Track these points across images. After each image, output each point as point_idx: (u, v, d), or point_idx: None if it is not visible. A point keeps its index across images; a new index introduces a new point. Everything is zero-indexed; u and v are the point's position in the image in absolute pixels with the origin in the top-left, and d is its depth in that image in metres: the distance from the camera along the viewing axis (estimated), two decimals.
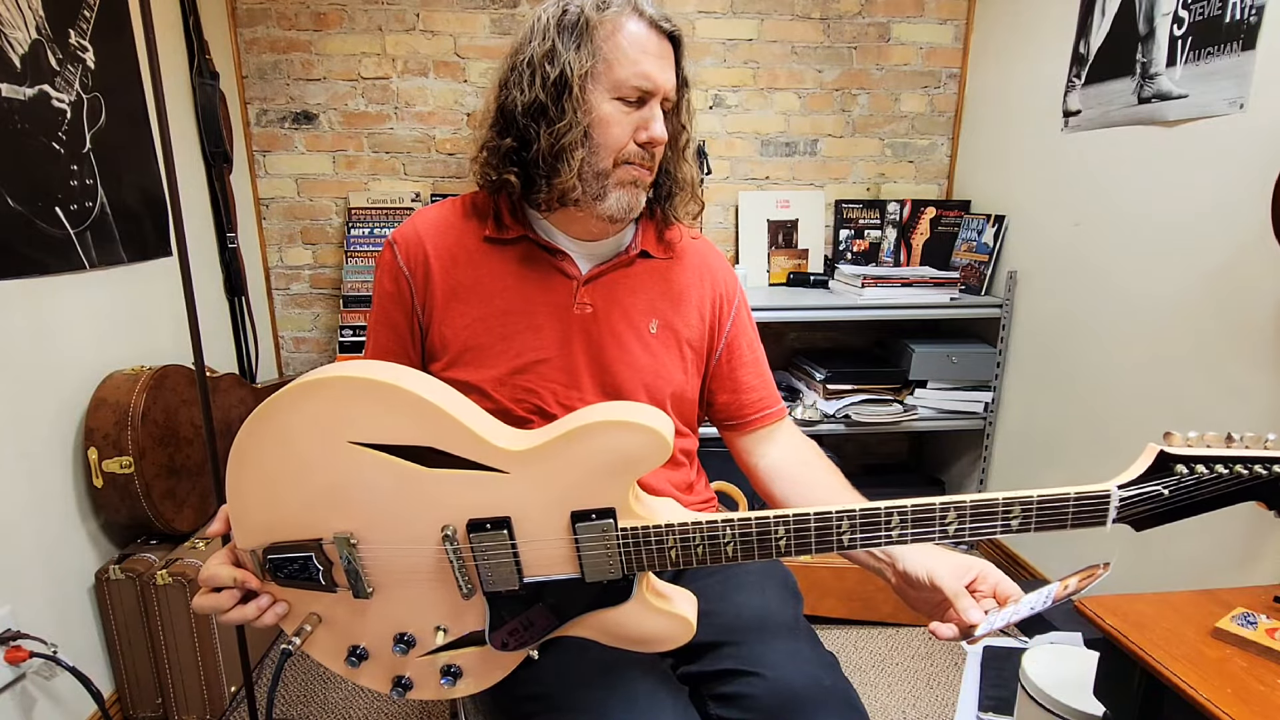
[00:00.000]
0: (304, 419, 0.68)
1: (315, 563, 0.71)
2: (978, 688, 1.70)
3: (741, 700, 0.79)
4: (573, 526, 0.69)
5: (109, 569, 1.50)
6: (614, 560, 0.70)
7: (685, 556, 0.70)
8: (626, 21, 0.83)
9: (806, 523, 0.68)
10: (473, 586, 0.72)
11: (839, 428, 2.18)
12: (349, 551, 0.71)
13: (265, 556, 0.72)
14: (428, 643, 0.75)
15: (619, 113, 0.84)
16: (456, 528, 0.70)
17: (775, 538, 0.68)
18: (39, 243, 1.40)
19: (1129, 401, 1.73)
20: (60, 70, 1.45)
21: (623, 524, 0.69)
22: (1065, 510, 0.67)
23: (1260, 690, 0.93)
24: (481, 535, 0.70)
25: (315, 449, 0.69)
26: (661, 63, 0.85)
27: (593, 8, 0.83)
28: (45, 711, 1.40)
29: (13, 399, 1.35)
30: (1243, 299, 1.44)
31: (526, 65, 0.84)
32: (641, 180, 0.88)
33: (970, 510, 0.67)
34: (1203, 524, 1.57)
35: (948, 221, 2.41)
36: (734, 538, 0.69)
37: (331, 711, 1.65)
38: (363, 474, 0.69)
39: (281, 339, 2.44)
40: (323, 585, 0.73)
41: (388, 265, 0.92)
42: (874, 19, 2.34)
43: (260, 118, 2.25)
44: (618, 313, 0.92)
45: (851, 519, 0.67)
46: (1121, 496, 0.67)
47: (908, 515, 0.67)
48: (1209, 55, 1.48)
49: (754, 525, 0.68)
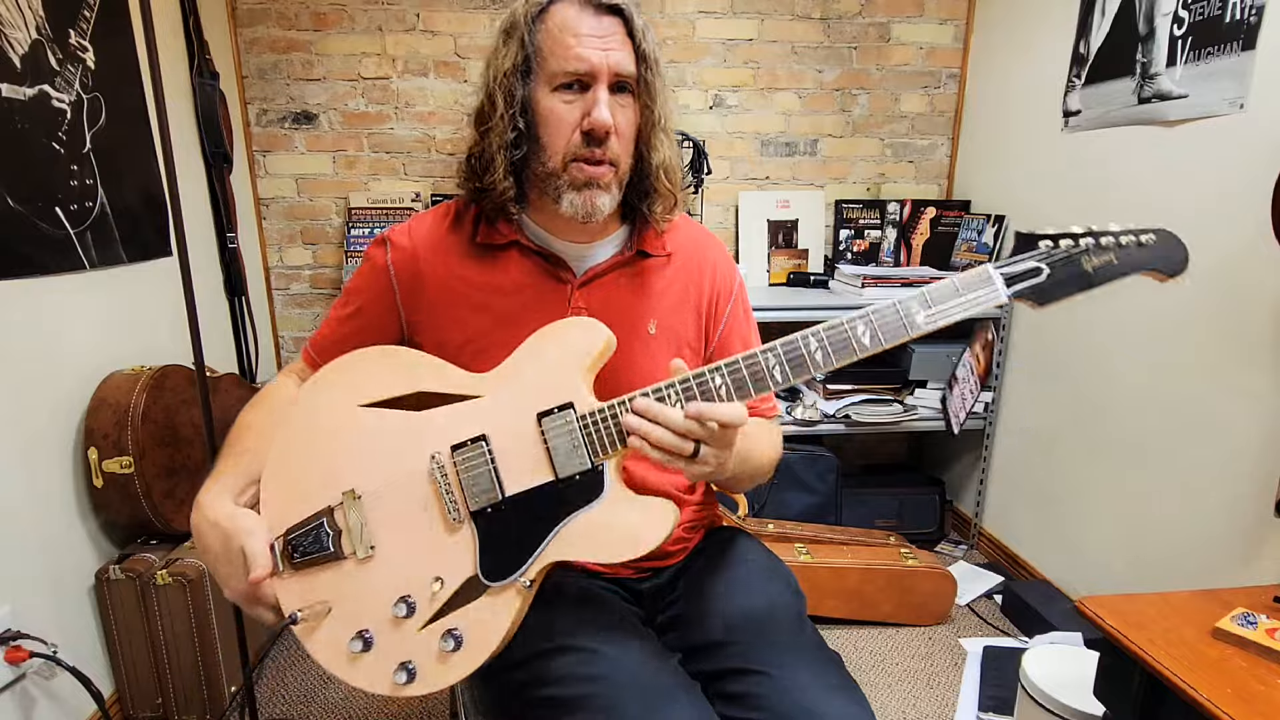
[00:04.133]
0: (329, 394, 0.82)
1: (326, 528, 0.79)
2: (978, 688, 1.70)
3: (748, 699, 0.79)
4: (539, 424, 0.77)
5: (109, 569, 1.50)
6: (579, 448, 0.76)
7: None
8: (557, 8, 0.81)
9: (736, 365, 0.73)
10: (460, 511, 0.77)
11: (839, 428, 2.18)
12: (354, 505, 0.79)
13: (285, 540, 0.79)
14: (427, 601, 0.76)
15: (561, 104, 0.82)
16: (443, 452, 0.78)
17: (714, 386, 0.73)
18: (39, 243, 1.40)
19: (1129, 401, 1.73)
20: (60, 70, 1.45)
21: (580, 411, 0.76)
22: (957, 292, 0.73)
23: (1260, 690, 0.93)
24: (463, 451, 0.78)
25: (334, 418, 0.81)
26: (600, 41, 0.80)
27: (525, 2, 0.82)
28: (45, 711, 1.40)
29: (13, 399, 1.34)
30: (1243, 299, 1.44)
31: (483, 74, 0.86)
32: (596, 179, 0.84)
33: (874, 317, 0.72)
34: (1203, 524, 1.58)
35: (948, 221, 2.41)
36: (679, 398, 0.73)
37: (331, 711, 1.65)
38: (368, 432, 0.81)
39: (281, 339, 2.44)
40: (332, 554, 0.78)
41: (378, 263, 0.91)
42: (874, 19, 2.34)
43: (260, 118, 2.25)
44: (615, 315, 0.90)
45: (774, 352, 0.72)
46: (1002, 272, 0.74)
47: (822, 337, 0.72)
48: (1209, 55, 1.48)
49: (694, 380, 0.74)
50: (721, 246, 1.03)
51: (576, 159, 0.83)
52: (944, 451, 2.59)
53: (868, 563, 1.92)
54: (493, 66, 0.84)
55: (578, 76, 0.81)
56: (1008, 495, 2.25)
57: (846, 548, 2.00)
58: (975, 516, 2.35)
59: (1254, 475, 1.42)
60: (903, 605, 1.94)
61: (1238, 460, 1.45)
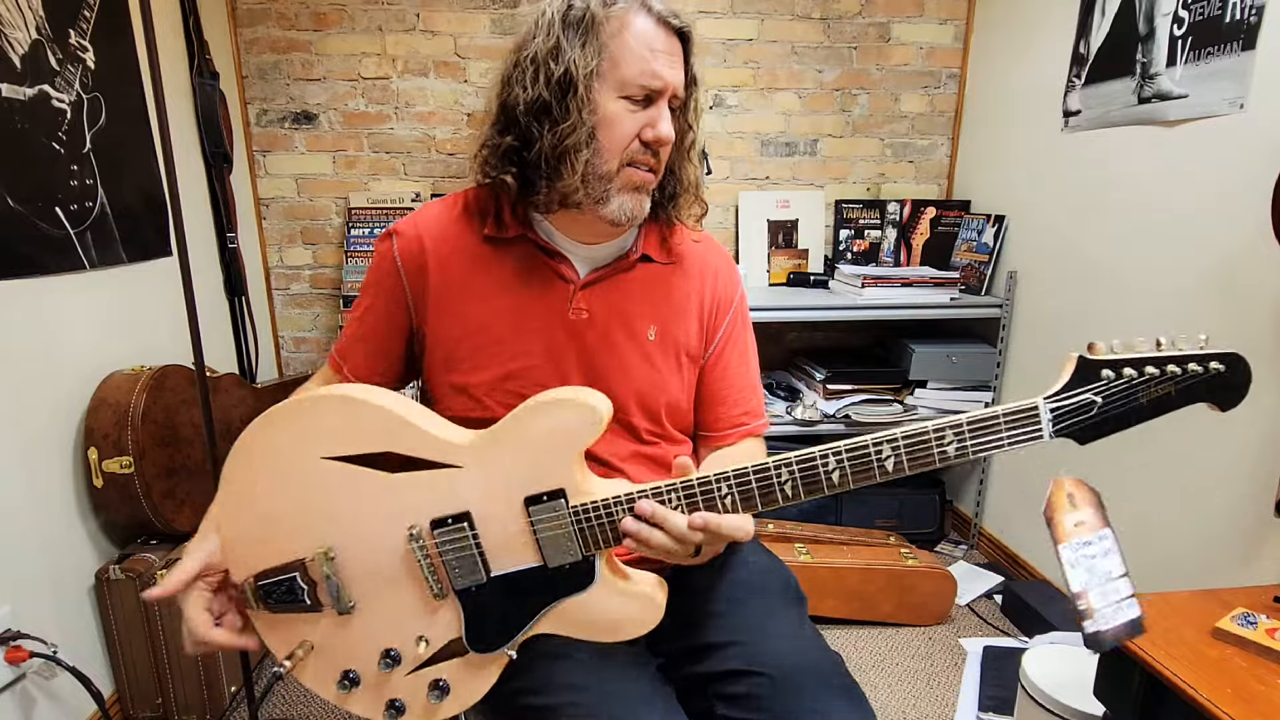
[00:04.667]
0: (287, 438, 0.74)
1: (300, 582, 0.75)
2: (978, 688, 1.70)
3: (749, 700, 0.79)
4: (527, 510, 0.72)
5: (109, 569, 1.50)
6: (571, 540, 0.72)
7: None
8: (634, 18, 0.81)
9: (746, 478, 0.69)
10: (443, 586, 0.74)
11: (839, 428, 2.18)
12: (328, 565, 0.74)
13: (256, 584, 0.75)
14: (412, 657, 0.76)
15: (625, 112, 0.82)
16: (421, 527, 0.73)
17: (720, 495, 0.70)
18: (39, 243, 1.40)
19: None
20: (60, 70, 1.45)
21: (574, 502, 0.71)
22: (998, 428, 0.66)
23: (1260, 690, 0.93)
24: (445, 531, 0.73)
25: (295, 468, 0.74)
26: (670, 60, 0.82)
27: (599, 3, 0.80)
28: (45, 711, 1.40)
29: (13, 399, 1.34)
30: (1243, 299, 1.44)
31: (530, 62, 0.81)
32: (646, 185, 0.86)
33: (904, 442, 0.67)
34: (1203, 524, 1.58)
35: (948, 221, 2.41)
36: (680, 502, 0.70)
37: (331, 711, 1.65)
38: (334, 487, 0.73)
39: (281, 339, 2.44)
40: (309, 605, 0.75)
41: (385, 256, 0.91)
42: (874, 19, 2.34)
43: (260, 118, 2.25)
44: (615, 319, 0.90)
45: (790, 468, 0.68)
46: (1051, 408, 0.66)
47: (843, 457, 0.67)
48: (1209, 55, 1.48)
49: (697, 486, 0.70)
50: (726, 255, 1.02)
51: (634, 163, 0.84)
52: None
53: (868, 563, 1.92)
54: (561, 62, 0.80)
55: (650, 91, 0.82)
56: (1008, 495, 2.25)
57: (846, 548, 2.00)
58: (975, 516, 2.35)
59: (1254, 475, 1.42)
60: (903, 605, 1.94)
61: (1238, 460, 1.45)
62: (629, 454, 0.92)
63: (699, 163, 0.94)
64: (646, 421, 0.93)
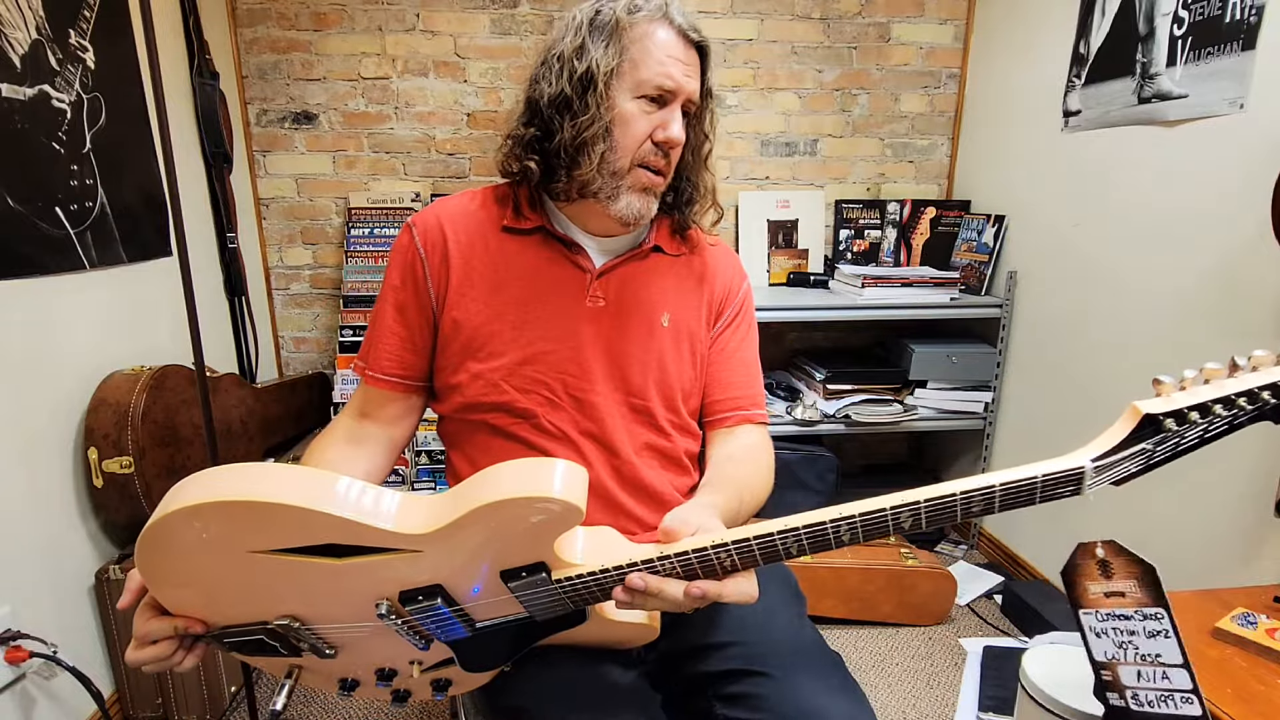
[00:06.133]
0: (194, 542, 0.62)
1: (269, 640, 0.69)
2: (978, 688, 1.70)
3: (749, 700, 0.79)
4: (505, 584, 0.66)
5: (109, 569, 1.50)
6: (560, 604, 0.69)
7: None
8: (656, 28, 0.87)
9: (748, 546, 0.62)
10: (427, 641, 0.72)
11: (839, 428, 2.18)
12: (297, 630, 0.69)
13: (221, 639, 0.69)
14: (405, 675, 0.77)
15: (640, 111, 0.87)
16: (390, 602, 0.66)
17: (719, 561, 0.64)
18: (39, 242, 1.40)
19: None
20: (60, 70, 1.45)
21: (556, 576, 0.65)
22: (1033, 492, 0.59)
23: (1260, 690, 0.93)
24: (417, 605, 0.66)
25: (218, 563, 0.63)
26: (686, 68, 0.87)
27: (624, 10, 0.86)
28: (45, 711, 1.40)
29: (13, 399, 1.34)
30: (1243, 299, 1.44)
31: (556, 60, 0.87)
32: (654, 187, 0.90)
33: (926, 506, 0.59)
34: (1203, 524, 1.58)
35: (948, 221, 2.41)
36: (674, 568, 0.64)
37: (331, 711, 1.65)
38: (276, 575, 0.64)
39: (281, 339, 2.43)
40: (284, 654, 0.72)
41: (404, 248, 0.93)
42: (874, 19, 2.34)
43: (260, 118, 2.25)
44: (631, 306, 0.94)
45: (796, 535, 0.62)
46: (1097, 467, 0.58)
47: (856, 525, 0.60)
48: (1209, 55, 1.48)
49: (693, 556, 0.63)
50: (736, 257, 1.07)
51: (645, 164, 0.88)
52: (944, 451, 2.59)
53: (868, 563, 1.92)
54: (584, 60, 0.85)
55: (663, 92, 0.86)
56: None
57: (846, 547, 2.00)
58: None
59: (1254, 475, 1.42)
60: (903, 605, 1.94)
61: (1238, 460, 1.45)
62: (642, 445, 0.94)
63: (714, 171, 0.99)
64: (664, 408, 0.95)
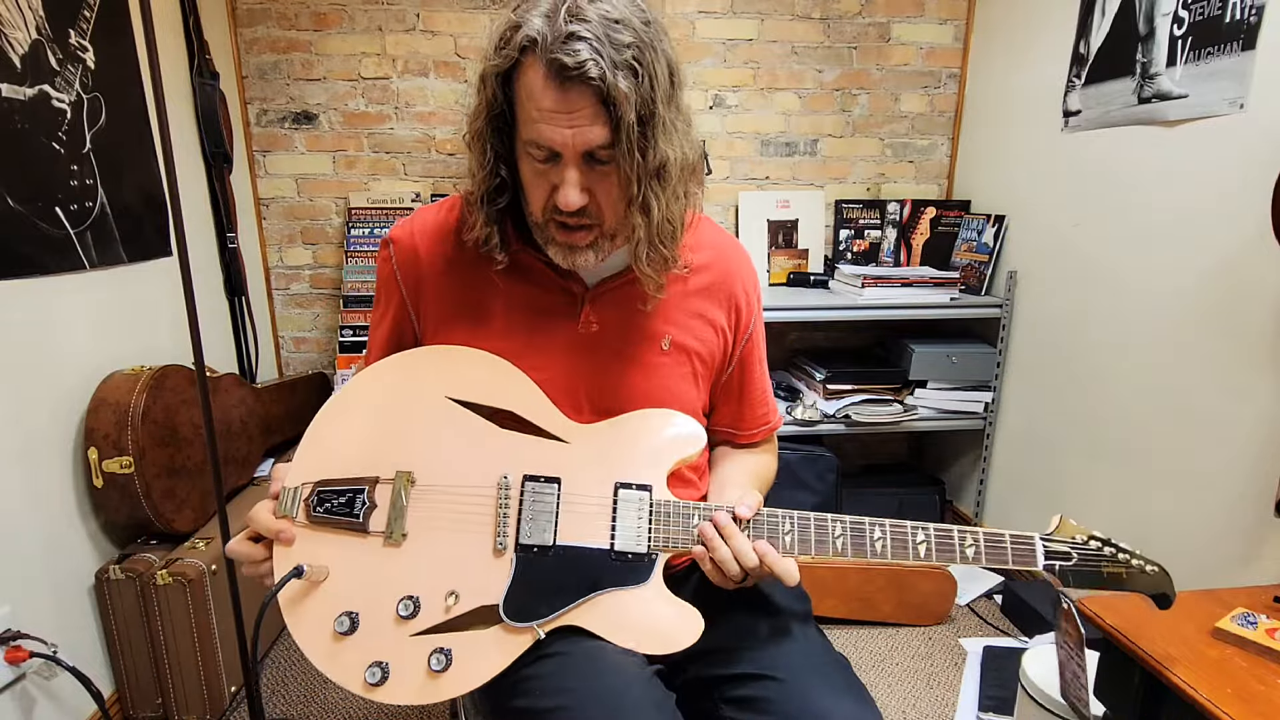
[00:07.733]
0: (425, 372, 0.82)
1: (364, 498, 0.77)
2: (978, 688, 1.70)
3: (757, 703, 0.79)
4: (615, 494, 0.79)
5: (109, 569, 1.50)
6: (643, 530, 0.78)
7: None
8: (524, 70, 0.71)
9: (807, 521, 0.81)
10: (507, 540, 0.77)
11: (839, 428, 2.18)
12: (405, 487, 0.78)
13: (315, 489, 0.78)
14: (434, 610, 0.74)
15: (531, 170, 0.76)
16: (513, 476, 0.79)
17: (783, 531, 0.80)
18: (39, 242, 1.40)
19: (1129, 402, 1.73)
20: (60, 70, 1.45)
21: (658, 498, 0.80)
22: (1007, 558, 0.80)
23: (1260, 690, 0.93)
24: (534, 486, 0.79)
25: (419, 398, 0.81)
26: (566, 119, 0.70)
27: (497, 48, 0.72)
28: (45, 711, 1.40)
29: (13, 399, 1.34)
30: (1243, 299, 1.44)
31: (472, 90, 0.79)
32: (574, 242, 0.79)
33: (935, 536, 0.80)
34: (1203, 524, 1.58)
35: (948, 221, 2.41)
36: (749, 527, 0.79)
37: (331, 711, 1.65)
38: (447, 424, 0.81)
39: (281, 339, 2.44)
40: (358, 524, 0.77)
41: (385, 264, 0.91)
42: (874, 19, 2.34)
43: (260, 118, 2.25)
44: (626, 331, 0.88)
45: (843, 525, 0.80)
46: (1044, 544, 0.81)
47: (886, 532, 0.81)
48: (1209, 55, 1.48)
49: (764, 519, 0.80)
50: (745, 255, 0.98)
51: (553, 220, 0.78)
52: (944, 451, 2.59)
53: (868, 562, 1.92)
54: (471, 112, 0.78)
55: (547, 153, 0.74)
56: (1008, 495, 2.25)
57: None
58: (975, 516, 2.35)
59: (1254, 475, 1.42)
60: (903, 605, 1.94)
61: (1238, 460, 1.45)
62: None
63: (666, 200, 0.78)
64: None
